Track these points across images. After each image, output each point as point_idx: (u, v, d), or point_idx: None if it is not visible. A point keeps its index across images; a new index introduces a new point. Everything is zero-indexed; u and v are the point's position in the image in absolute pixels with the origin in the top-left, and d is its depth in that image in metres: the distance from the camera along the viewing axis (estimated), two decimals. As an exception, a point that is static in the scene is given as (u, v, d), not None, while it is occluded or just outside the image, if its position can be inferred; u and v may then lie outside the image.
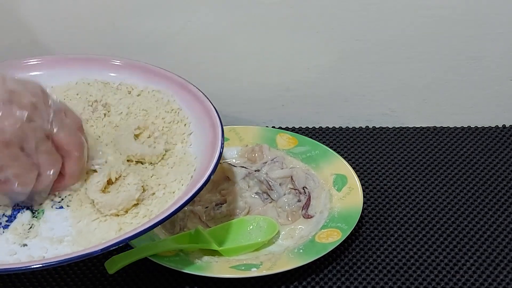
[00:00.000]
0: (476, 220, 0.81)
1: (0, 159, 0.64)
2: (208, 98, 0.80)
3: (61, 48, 0.94)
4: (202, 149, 0.76)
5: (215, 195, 0.82)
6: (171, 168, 0.76)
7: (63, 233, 0.69)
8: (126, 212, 0.71)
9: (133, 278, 0.73)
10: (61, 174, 0.69)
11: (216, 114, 0.77)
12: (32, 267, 0.62)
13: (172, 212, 0.66)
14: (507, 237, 0.79)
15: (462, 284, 0.73)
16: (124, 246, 0.67)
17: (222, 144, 0.73)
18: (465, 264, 0.75)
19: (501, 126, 0.98)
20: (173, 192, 0.73)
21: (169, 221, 0.78)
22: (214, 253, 0.75)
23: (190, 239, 0.76)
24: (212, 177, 0.70)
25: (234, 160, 0.88)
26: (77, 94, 0.82)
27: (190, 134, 0.79)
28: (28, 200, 0.70)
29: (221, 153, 0.72)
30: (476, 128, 0.98)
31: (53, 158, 0.67)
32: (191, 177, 0.73)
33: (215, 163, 0.71)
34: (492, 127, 0.98)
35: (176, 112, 0.81)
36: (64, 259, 0.62)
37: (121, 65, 0.85)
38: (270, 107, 0.99)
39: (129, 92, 0.83)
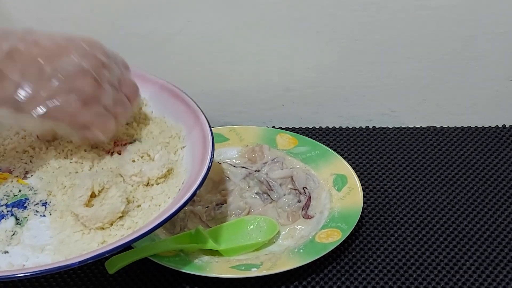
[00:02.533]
0: (476, 220, 0.81)
1: (85, 116, 0.70)
2: (200, 109, 0.78)
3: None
4: (192, 162, 0.74)
5: (216, 195, 0.82)
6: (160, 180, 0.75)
7: (45, 241, 0.68)
8: (111, 224, 0.70)
9: (133, 278, 0.73)
10: None
11: (208, 126, 0.76)
12: (7, 276, 0.60)
13: (156, 226, 0.65)
14: (507, 237, 0.79)
15: (462, 284, 0.73)
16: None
17: (212, 158, 0.72)
18: (465, 264, 0.75)
19: (501, 126, 0.98)
20: (159, 205, 0.72)
21: (169, 221, 0.78)
22: (214, 253, 0.75)
23: (191, 239, 0.76)
24: (198, 191, 0.68)
25: (234, 160, 0.88)
26: None
27: (183, 147, 0.78)
28: None
29: (209, 168, 0.70)
30: (476, 128, 0.98)
31: (127, 105, 0.74)
32: (178, 190, 0.72)
33: (202, 178, 0.69)
34: (492, 127, 0.98)
35: (171, 125, 0.80)
36: (42, 270, 0.60)
37: None
38: (270, 107, 0.99)
39: None
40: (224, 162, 0.86)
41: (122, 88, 0.74)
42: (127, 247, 0.66)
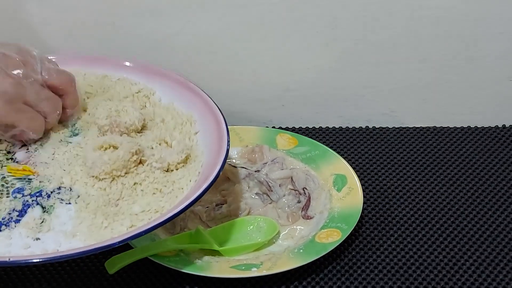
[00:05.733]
0: (476, 220, 0.82)
1: (10, 116, 0.72)
2: (209, 96, 0.81)
3: (61, 49, 0.94)
4: (208, 146, 0.76)
5: (216, 196, 0.82)
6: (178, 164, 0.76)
7: (75, 227, 0.69)
8: (123, 175, 0.73)
9: (133, 278, 0.73)
10: (63, 108, 0.78)
11: (219, 111, 0.79)
12: (48, 258, 0.63)
13: (185, 207, 0.67)
14: (507, 237, 0.79)
15: (462, 284, 0.73)
16: (124, 246, 0.67)
17: (229, 140, 0.75)
18: (465, 264, 0.75)
19: (501, 126, 0.98)
20: (182, 188, 0.73)
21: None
22: (215, 253, 0.75)
23: (191, 239, 0.76)
24: (218, 178, 0.71)
25: (234, 161, 0.88)
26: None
27: (196, 133, 0.79)
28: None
29: (228, 149, 0.74)
30: (476, 128, 0.98)
31: (54, 101, 0.76)
32: (198, 173, 0.74)
33: (224, 158, 0.72)
34: (492, 127, 0.98)
35: (181, 111, 0.82)
36: (81, 252, 0.63)
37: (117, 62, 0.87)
38: (270, 107, 0.99)
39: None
40: (224, 162, 0.86)
41: (49, 83, 0.75)
42: (125, 247, 0.66)
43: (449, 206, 0.84)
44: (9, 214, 0.70)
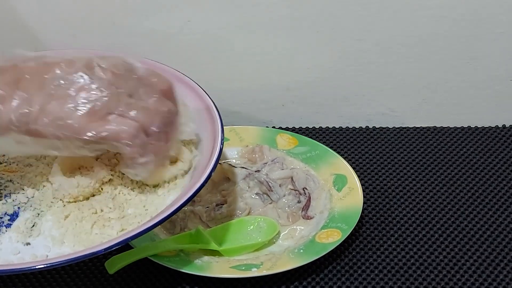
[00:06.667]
0: (476, 220, 0.81)
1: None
2: (207, 93, 0.79)
3: (62, 48, 0.94)
4: (201, 146, 0.75)
5: (216, 196, 0.82)
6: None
7: (64, 232, 0.69)
8: (87, 199, 0.70)
9: (133, 278, 0.73)
10: None
11: (215, 109, 0.77)
12: (36, 267, 0.61)
13: (174, 210, 0.65)
14: (507, 237, 0.79)
15: (462, 284, 0.73)
16: (124, 246, 0.67)
17: (222, 140, 0.72)
18: (465, 264, 0.75)
19: (501, 126, 0.98)
20: (176, 184, 0.72)
21: (169, 221, 0.78)
22: (215, 253, 0.75)
23: (191, 239, 0.76)
24: (212, 175, 0.69)
25: (234, 161, 0.88)
26: None
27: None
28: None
29: (221, 150, 0.71)
30: (476, 128, 0.98)
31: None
32: (191, 178, 0.73)
33: (215, 161, 0.70)
34: (492, 127, 0.98)
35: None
36: (67, 259, 0.61)
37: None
38: (270, 107, 0.99)
39: None
40: (224, 162, 0.86)
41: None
42: (126, 247, 0.66)
43: (449, 206, 0.84)
44: (1, 218, 0.70)
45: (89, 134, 0.63)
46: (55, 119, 0.63)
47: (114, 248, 0.63)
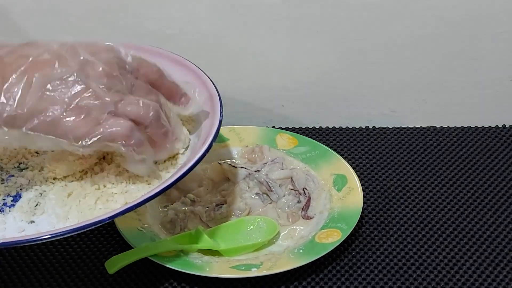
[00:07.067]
0: (476, 220, 0.81)
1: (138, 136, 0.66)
2: (202, 71, 0.79)
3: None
4: (200, 121, 0.75)
5: (216, 196, 0.82)
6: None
7: (69, 209, 0.69)
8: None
9: (133, 278, 0.73)
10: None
11: (212, 85, 0.77)
12: (41, 238, 0.61)
13: (178, 177, 0.65)
14: (507, 237, 0.79)
15: (462, 284, 0.73)
16: (124, 246, 0.67)
17: (221, 112, 0.72)
18: (465, 264, 0.75)
19: (501, 126, 0.98)
20: (176, 160, 0.73)
21: (169, 222, 0.78)
22: (215, 253, 0.75)
23: (191, 239, 0.76)
24: (213, 144, 0.69)
25: (234, 161, 0.88)
26: None
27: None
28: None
29: (220, 121, 0.71)
30: (476, 128, 0.98)
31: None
32: (189, 140, 0.74)
33: (216, 131, 0.70)
34: (492, 127, 0.98)
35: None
36: (73, 229, 0.61)
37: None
38: (270, 107, 0.99)
39: None
40: (224, 162, 0.86)
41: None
42: (126, 247, 0.66)
43: (449, 206, 0.84)
44: (4, 200, 0.71)
45: (83, 142, 0.64)
46: (46, 123, 0.63)
47: (119, 215, 0.62)
